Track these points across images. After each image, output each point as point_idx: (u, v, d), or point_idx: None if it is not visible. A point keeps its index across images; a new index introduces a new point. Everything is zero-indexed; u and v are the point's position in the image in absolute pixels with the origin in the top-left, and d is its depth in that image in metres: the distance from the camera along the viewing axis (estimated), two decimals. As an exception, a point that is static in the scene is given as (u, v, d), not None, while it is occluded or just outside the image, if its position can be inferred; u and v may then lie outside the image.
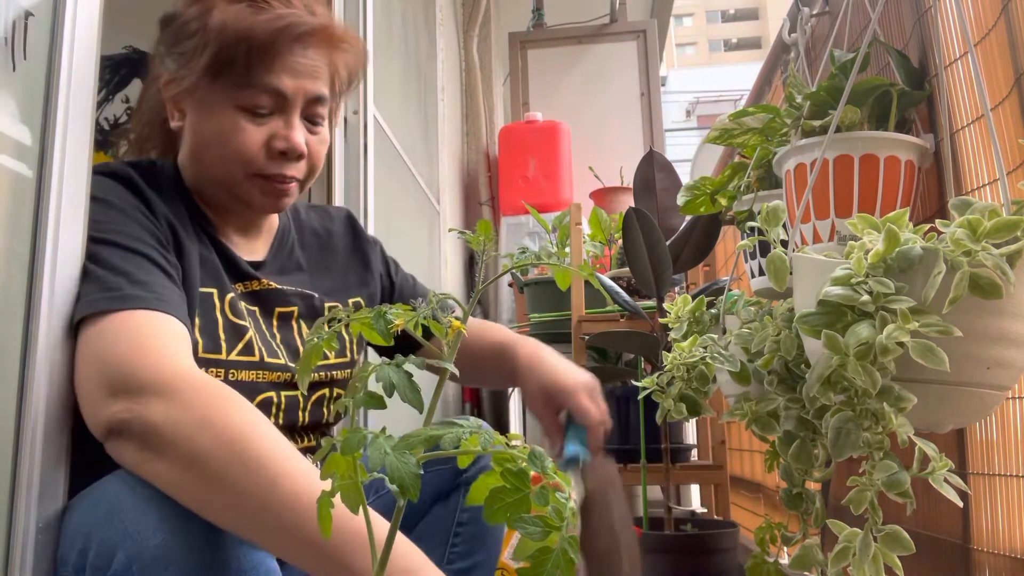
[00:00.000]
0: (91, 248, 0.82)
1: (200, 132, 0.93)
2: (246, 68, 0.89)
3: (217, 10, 0.90)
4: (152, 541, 0.67)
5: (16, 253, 0.74)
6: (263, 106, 0.91)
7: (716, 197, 1.34)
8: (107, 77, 3.63)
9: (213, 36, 0.89)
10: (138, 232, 0.85)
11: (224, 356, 0.90)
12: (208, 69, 0.90)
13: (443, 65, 3.24)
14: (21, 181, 0.75)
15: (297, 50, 0.92)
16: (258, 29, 0.89)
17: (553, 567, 0.39)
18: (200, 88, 0.91)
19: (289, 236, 1.08)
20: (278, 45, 0.90)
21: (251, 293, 0.98)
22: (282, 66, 0.91)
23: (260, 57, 0.89)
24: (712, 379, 1.16)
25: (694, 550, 1.59)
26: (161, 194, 0.93)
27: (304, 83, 0.93)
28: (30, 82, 0.76)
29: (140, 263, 0.82)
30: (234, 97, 0.91)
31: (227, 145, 0.91)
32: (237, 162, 0.92)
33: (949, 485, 0.72)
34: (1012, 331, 0.72)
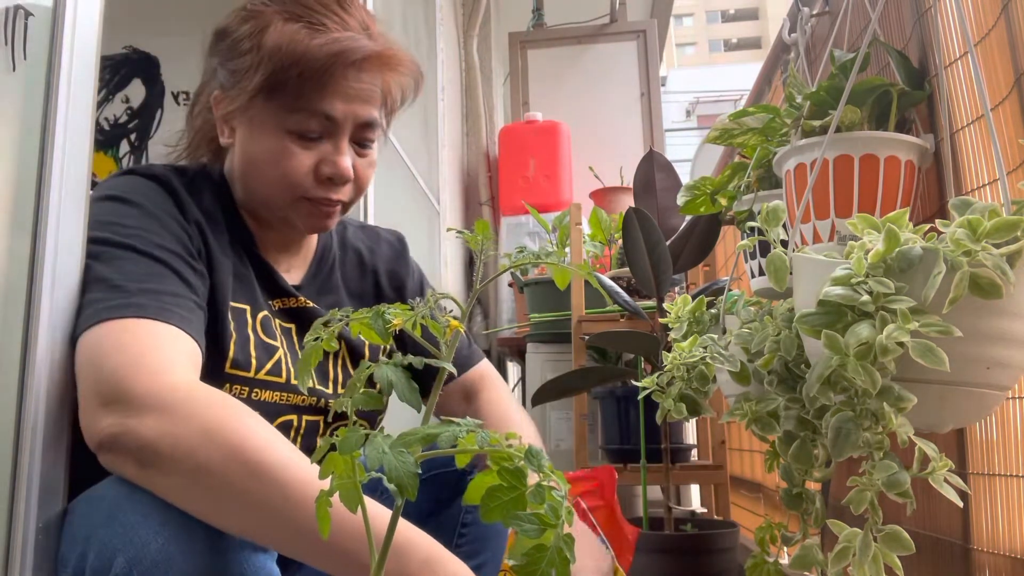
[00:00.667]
0: (110, 251, 0.80)
1: (249, 152, 0.92)
2: (298, 92, 0.87)
3: (272, 28, 0.89)
4: (153, 545, 0.66)
5: (16, 253, 0.74)
6: (313, 131, 0.90)
7: (716, 197, 1.34)
8: (107, 77, 3.63)
9: (267, 57, 0.87)
10: (161, 238, 0.83)
11: (252, 374, 0.88)
12: (260, 91, 0.88)
13: (443, 65, 3.24)
14: (21, 181, 0.75)
15: (351, 75, 0.89)
16: (312, 53, 0.86)
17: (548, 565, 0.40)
18: (251, 108, 0.90)
19: (330, 255, 1.06)
20: (332, 71, 0.88)
21: (288, 311, 0.97)
22: (335, 91, 0.89)
23: (313, 82, 0.87)
24: (712, 379, 1.16)
25: (694, 550, 1.59)
26: (203, 202, 0.92)
27: (355, 108, 0.91)
28: (30, 82, 0.76)
29: (157, 270, 0.80)
30: (284, 120, 0.89)
31: (275, 168, 0.90)
32: (284, 185, 0.91)
33: (949, 485, 0.72)
34: (1012, 331, 0.72)
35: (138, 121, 3.52)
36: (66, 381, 0.78)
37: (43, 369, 0.74)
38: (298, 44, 0.87)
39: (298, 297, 0.98)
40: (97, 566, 0.68)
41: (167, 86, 3.52)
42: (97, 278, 0.79)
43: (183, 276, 0.82)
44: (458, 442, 0.45)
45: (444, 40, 3.29)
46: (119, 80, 3.57)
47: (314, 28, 0.88)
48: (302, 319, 0.98)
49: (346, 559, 0.69)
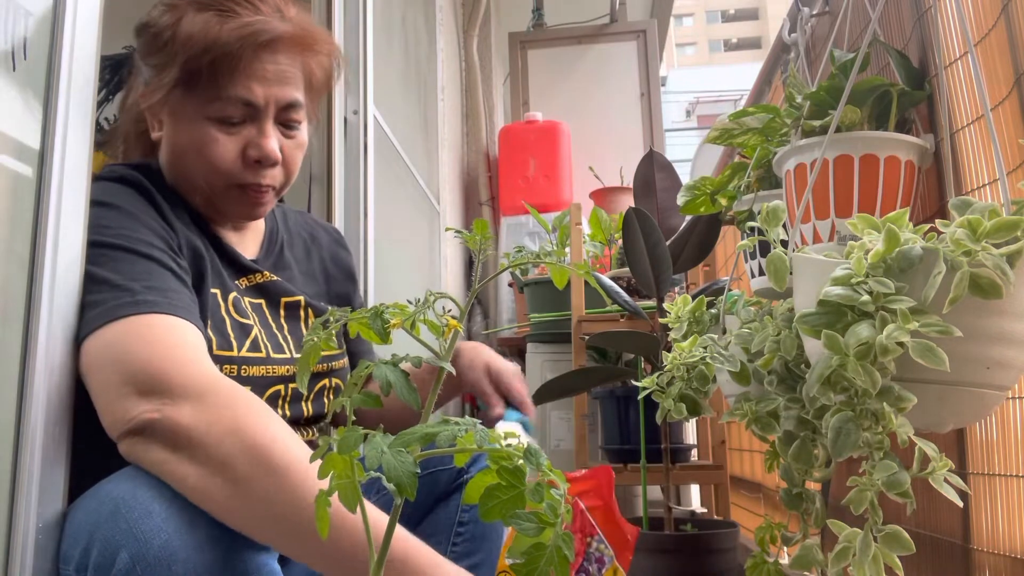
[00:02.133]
0: (102, 253, 0.81)
1: (175, 144, 0.93)
2: (214, 79, 0.88)
3: (186, 19, 0.90)
4: (156, 541, 0.67)
5: (16, 253, 0.74)
6: (234, 116, 0.90)
7: (716, 197, 1.34)
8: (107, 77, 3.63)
9: (180, 48, 0.88)
10: (149, 237, 0.84)
11: (236, 352, 0.91)
12: (178, 82, 0.89)
13: (443, 65, 3.24)
14: (21, 181, 0.75)
15: (265, 57, 0.90)
16: (223, 39, 0.87)
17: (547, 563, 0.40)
18: (172, 100, 0.91)
19: (278, 235, 1.09)
20: (244, 54, 0.88)
21: (256, 287, 1.00)
22: (250, 74, 0.89)
23: (226, 67, 0.88)
24: (712, 379, 1.16)
25: (694, 550, 1.59)
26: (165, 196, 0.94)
27: (274, 90, 0.92)
28: (30, 82, 0.76)
29: (152, 268, 0.82)
30: (205, 109, 0.90)
31: (201, 157, 0.91)
32: (212, 173, 0.92)
33: (949, 485, 0.72)
34: (1012, 331, 0.72)
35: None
36: (66, 382, 0.78)
37: (43, 369, 0.74)
38: (209, 31, 0.88)
39: (262, 271, 1.00)
40: (100, 562, 0.68)
41: (167, 86, 3.53)
42: (96, 279, 0.80)
43: (174, 271, 0.84)
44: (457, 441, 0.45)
45: (444, 40, 3.29)
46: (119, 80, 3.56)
47: (224, 14, 0.89)
48: (269, 292, 1.00)
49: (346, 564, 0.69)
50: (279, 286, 1.02)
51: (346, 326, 1.15)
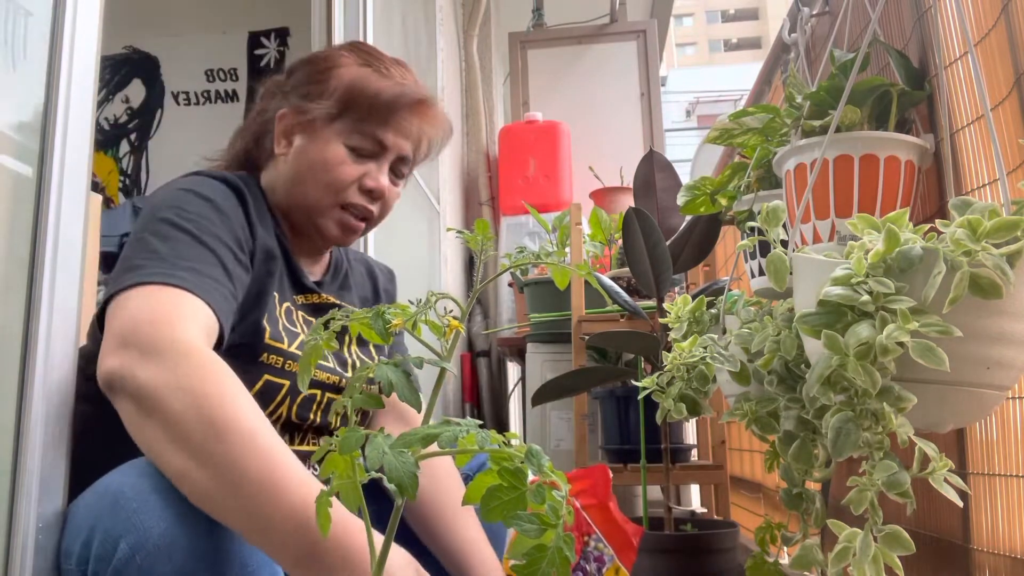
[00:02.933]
0: (168, 231, 0.87)
1: (306, 158, 1.06)
2: (365, 117, 1.06)
3: (346, 68, 1.08)
4: (156, 530, 0.68)
5: (16, 253, 0.74)
6: (366, 150, 1.07)
7: (716, 197, 1.34)
8: (107, 77, 3.63)
9: (343, 87, 1.06)
10: (219, 231, 0.91)
11: (286, 346, 0.97)
12: (334, 109, 1.06)
13: (443, 65, 3.24)
14: (21, 181, 0.75)
15: (405, 114, 1.09)
16: (385, 91, 1.07)
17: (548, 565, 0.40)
18: (318, 123, 1.06)
19: (343, 266, 1.20)
20: (395, 107, 1.07)
21: (311, 305, 1.08)
22: (392, 124, 1.08)
23: (379, 112, 1.06)
24: (712, 379, 1.16)
25: (694, 550, 1.59)
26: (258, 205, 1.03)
27: (401, 142, 1.09)
28: (30, 82, 0.76)
29: (205, 256, 0.87)
30: (346, 137, 1.06)
31: (329, 172, 1.05)
32: (331, 188, 1.05)
33: (949, 485, 0.72)
34: (1012, 331, 0.72)
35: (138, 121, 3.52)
36: (66, 381, 0.78)
37: (43, 369, 0.74)
38: (372, 82, 1.07)
39: (320, 293, 1.09)
40: (101, 553, 0.69)
41: (167, 86, 3.52)
42: (150, 249, 0.84)
43: (227, 267, 0.89)
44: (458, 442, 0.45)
45: (444, 40, 3.29)
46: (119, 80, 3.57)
47: (382, 74, 1.09)
48: (323, 312, 1.07)
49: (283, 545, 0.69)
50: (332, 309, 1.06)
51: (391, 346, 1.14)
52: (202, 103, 3.49)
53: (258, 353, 0.94)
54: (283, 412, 0.98)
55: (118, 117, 3.54)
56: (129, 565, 0.67)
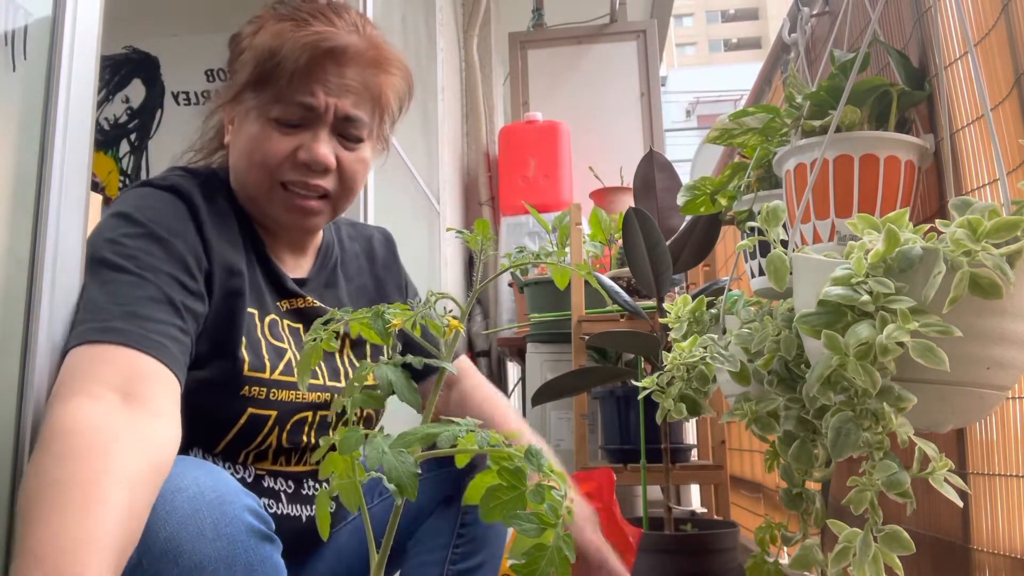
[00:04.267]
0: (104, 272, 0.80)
1: (237, 142, 0.97)
2: (280, 82, 0.92)
3: (264, 28, 0.95)
4: (161, 534, 0.67)
5: (16, 253, 0.74)
6: (292, 119, 0.93)
7: (716, 197, 1.33)
8: (107, 77, 3.63)
9: (254, 51, 0.94)
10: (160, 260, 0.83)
11: (267, 375, 0.91)
12: (248, 83, 0.94)
13: (443, 65, 3.24)
14: (21, 181, 0.75)
15: (330, 67, 0.93)
16: (293, 43, 0.92)
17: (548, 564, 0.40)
18: (242, 102, 0.95)
19: (332, 252, 1.09)
20: (309, 60, 0.92)
21: (296, 311, 1.00)
22: (314, 80, 0.92)
23: (293, 71, 0.92)
24: (712, 379, 1.16)
25: (694, 550, 1.59)
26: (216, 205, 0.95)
27: (335, 99, 0.94)
28: (30, 82, 0.76)
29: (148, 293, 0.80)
30: (268, 110, 0.93)
31: (255, 153, 0.94)
32: (263, 169, 0.94)
33: (949, 485, 0.72)
34: (1012, 331, 0.72)
35: (138, 121, 3.52)
36: (66, 381, 0.78)
37: (43, 369, 0.74)
38: (282, 37, 0.92)
39: (305, 297, 1.01)
40: None
41: (167, 86, 3.52)
42: (88, 300, 0.79)
43: (174, 302, 0.82)
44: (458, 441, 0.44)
45: (444, 40, 3.29)
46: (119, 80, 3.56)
47: (299, 24, 0.94)
48: (309, 318, 1.00)
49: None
50: (319, 312, 1.00)
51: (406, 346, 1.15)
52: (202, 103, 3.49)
53: (239, 387, 0.88)
54: (272, 442, 0.94)
55: (118, 117, 3.54)
56: (136, 570, 0.67)
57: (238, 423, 0.90)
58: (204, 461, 0.75)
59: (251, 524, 0.72)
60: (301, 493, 0.98)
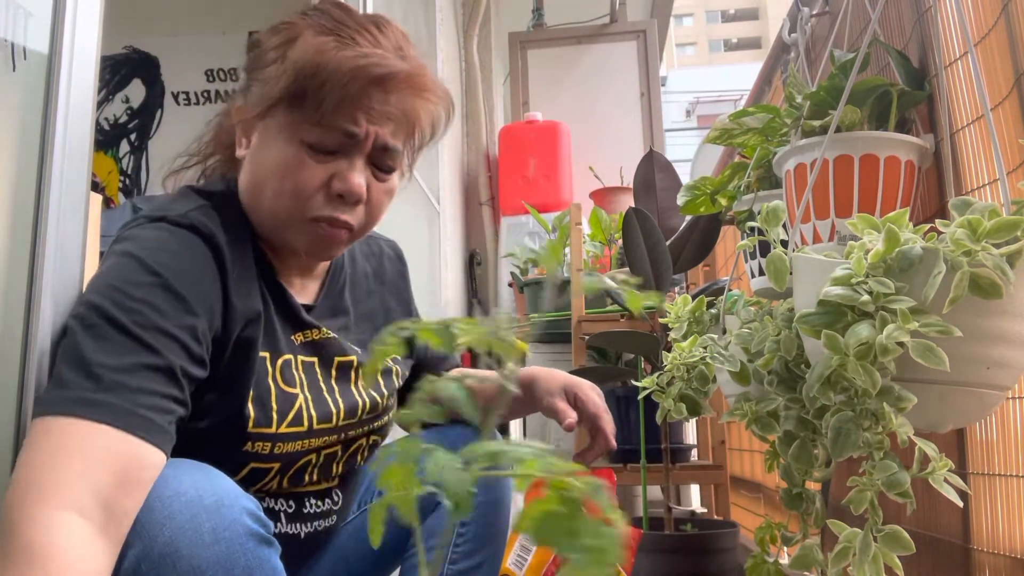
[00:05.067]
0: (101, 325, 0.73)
1: (261, 162, 0.88)
2: (320, 104, 0.84)
3: (302, 40, 0.87)
4: (160, 539, 0.67)
5: (16, 253, 0.74)
6: (329, 145, 0.86)
7: (716, 197, 1.34)
8: (107, 77, 3.63)
9: (291, 66, 0.85)
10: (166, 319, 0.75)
11: (274, 429, 0.86)
12: (281, 99, 0.85)
13: (443, 65, 3.24)
14: (21, 181, 0.75)
15: (375, 94, 0.86)
16: (339, 65, 0.84)
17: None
18: (270, 117, 0.87)
19: (341, 274, 1.03)
20: (356, 85, 0.84)
21: (311, 343, 0.94)
22: (357, 107, 0.85)
23: (336, 95, 0.84)
24: (712, 379, 1.16)
25: (694, 550, 1.59)
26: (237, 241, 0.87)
27: (377, 128, 0.87)
28: (30, 82, 0.76)
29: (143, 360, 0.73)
30: (302, 131, 0.85)
31: (285, 180, 0.86)
32: (295, 199, 0.86)
33: (949, 485, 0.72)
34: (1012, 331, 0.72)
35: (138, 121, 3.52)
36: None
37: (43, 369, 0.74)
38: (325, 55, 0.84)
39: (320, 328, 0.95)
40: None
41: (167, 86, 3.52)
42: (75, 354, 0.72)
43: (172, 368, 0.74)
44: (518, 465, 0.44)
45: (444, 40, 3.29)
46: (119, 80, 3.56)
47: (343, 41, 0.86)
48: (323, 351, 0.95)
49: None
50: (334, 345, 0.96)
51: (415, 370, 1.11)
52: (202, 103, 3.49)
53: (241, 443, 0.84)
54: (272, 486, 0.91)
55: (118, 117, 3.54)
56: (134, 575, 0.67)
57: (238, 475, 0.86)
58: (203, 464, 0.75)
59: (250, 528, 0.72)
60: (302, 512, 0.95)
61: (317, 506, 0.98)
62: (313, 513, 0.97)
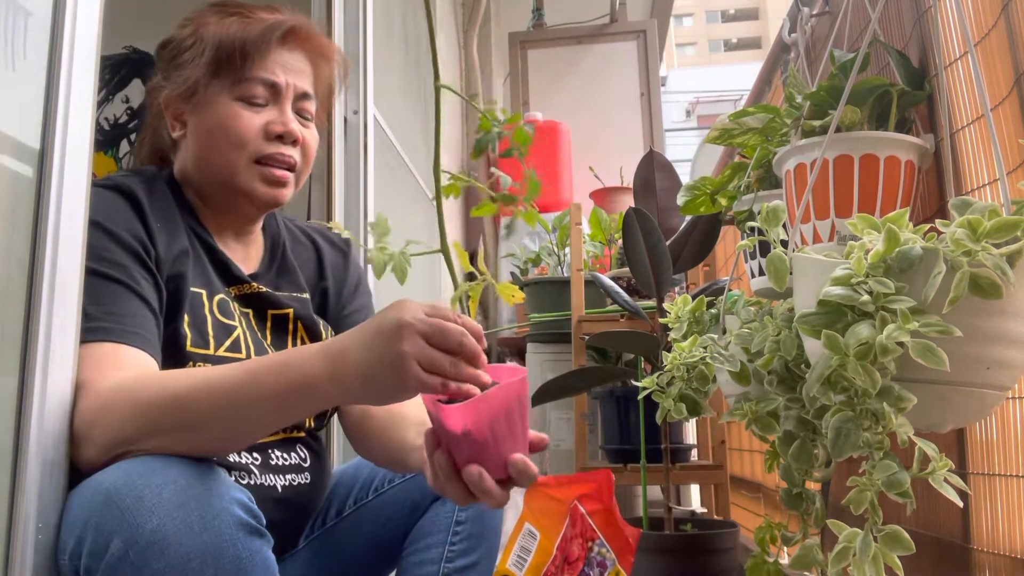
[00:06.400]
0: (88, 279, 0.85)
1: (203, 128, 1.01)
2: (242, 64, 1.00)
3: (211, 24, 1.02)
4: (148, 526, 0.68)
5: (16, 253, 0.74)
6: (259, 96, 1.01)
7: (716, 197, 1.33)
8: (107, 77, 3.63)
9: (210, 42, 1.00)
10: (120, 257, 0.89)
11: (212, 351, 0.94)
12: (206, 73, 1.00)
13: (443, 65, 3.23)
14: (21, 181, 0.75)
15: (284, 49, 1.03)
16: (251, 30, 1.01)
17: None
18: (200, 89, 1.00)
19: (280, 240, 1.13)
20: (268, 42, 1.01)
21: (243, 296, 1.03)
22: (273, 61, 1.02)
23: (254, 53, 1.00)
24: (712, 379, 1.16)
25: (694, 550, 1.59)
26: (159, 200, 0.99)
27: (292, 78, 1.03)
28: (30, 82, 0.76)
29: (117, 291, 0.87)
30: (232, 91, 1.00)
31: (228, 132, 0.99)
32: (239, 147, 1.00)
33: (949, 485, 0.72)
34: (1012, 331, 0.72)
35: (138, 121, 3.52)
36: (66, 380, 0.78)
37: (43, 369, 0.74)
38: (236, 28, 1.01)
39: (251, 283, 1.05)
40: (93, 549, 0.69)
41: (167, 86, 3.52)
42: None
43: (137, 291, 0.89)
44: None
45: (444, 40, 3.29)
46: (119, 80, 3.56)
47: (247, 18, 1.03)
48: (258, 304, 1.05)
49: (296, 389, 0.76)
50: (267, 297, 1.05)
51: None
52: (202, 103, 3.49)
53: (183, 363, 0.92)
54: None
55: (118, 117, 3.54)
56: (122, 561, 0.67)
57: None
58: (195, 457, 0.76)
59: (240, 518, 0.72)
60: (269, 463, 0.98)
61: (283, 458, 1.00)
62: (282, 466, 1.00)
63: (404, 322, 0.72)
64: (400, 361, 0.71)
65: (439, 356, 0.72)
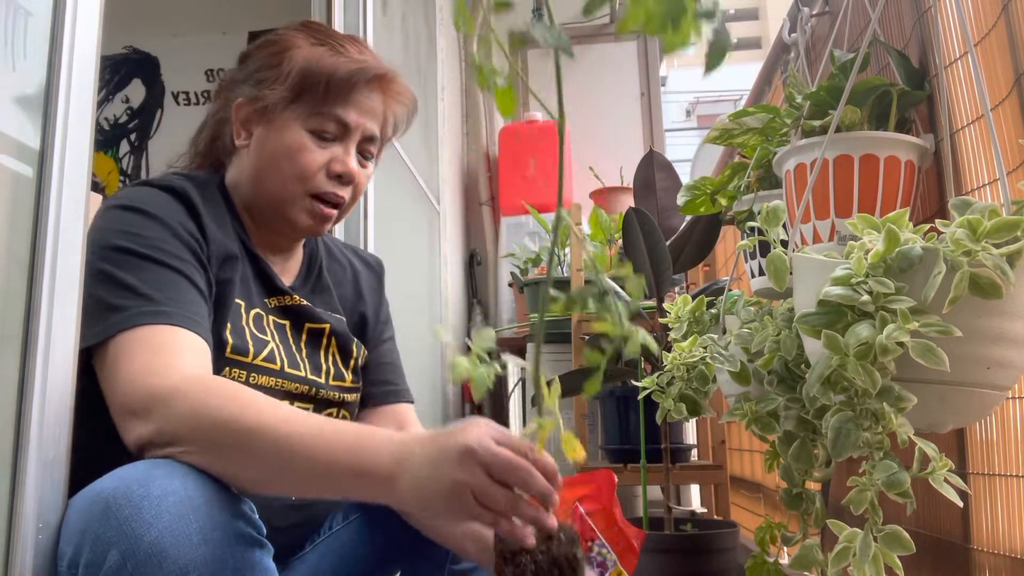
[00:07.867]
0: (133, 261, 0.87)
1: (268, 148, 1.02)
2: (323, 98, 1.01)
3: (300, 49, 1.04)
4: (146, 538, 0.67)
5: (16, 253, 0.74)
6: (329, 132, 1.03)
7: (716, 197, 1.34)
8: (107, 77, 3.63)
9: (297, 68, 1.02)
10: (179, 249, 0.91)
11: (249, 359, 0.95)
12: (289, 93, 1.01)
13: (443, 65, 3.24)
14: (21, 181, 0.75)
15: (365, 91, 1.05)
16: (340, 68, 1.02)
17: None
18: (275, 110, 1.02)
19: (317, 258, 1.15)
20: (353, 83, 1.03)
21: (283, 308, 1.05)
22: (352, 102, 1.03)
23: (337, 91, 1.02)
24: (712, 379, 1.16)
25: (694, 550, 1.59)
26: (215, 208, 1.01)
27: (365, 120, 1.05)
28: (30, 82, 0.76)
29: (176, 280, 0.88)
30: (306, 121, 1.02)
31: (294, 162, 1.01)
32: (299, 179, 1.01)
33: (949, 485, 0.72)
34: (1012, 331, 0.72)
35: (138, 121, 3.52)
36: (66, 380, 0.78)
37: (42, 369, 0.74)
38: (326, 61, 1.02)
39: (292, 295, 1.06)
40: (91, 559, 0.69)
41: (167, 86, 3.52)
42: (122, 285, 0.85)
43: (197, 285, 0.90)
44: None
45: (444, 40, 3.29)
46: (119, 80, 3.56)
47: (336, 52, 1.04)
48: (296, 316, 1.05)
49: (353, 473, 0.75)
50: (307, 311, 1.07)
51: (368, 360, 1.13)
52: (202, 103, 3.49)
53: (219, 368, 0.91)
54: None
55: (118, 117, 3.54)
56: (120, 573, 0.67)
57: None
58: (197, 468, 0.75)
59: (240, 530, 0.72)
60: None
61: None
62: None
63: (468, 449, 0.71)
64: (455, 488, 0.70)
65: (497, 490, 0.71)
